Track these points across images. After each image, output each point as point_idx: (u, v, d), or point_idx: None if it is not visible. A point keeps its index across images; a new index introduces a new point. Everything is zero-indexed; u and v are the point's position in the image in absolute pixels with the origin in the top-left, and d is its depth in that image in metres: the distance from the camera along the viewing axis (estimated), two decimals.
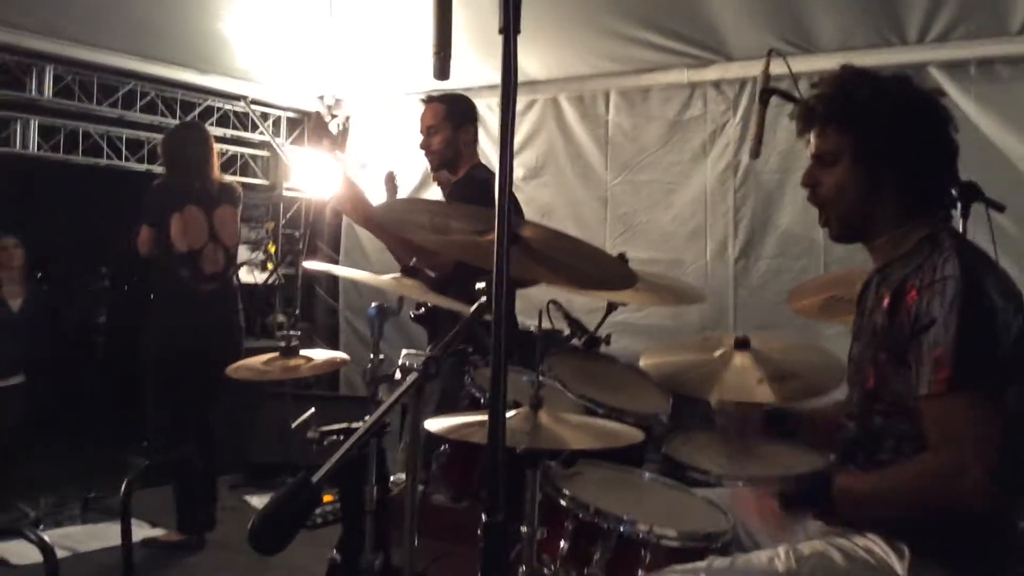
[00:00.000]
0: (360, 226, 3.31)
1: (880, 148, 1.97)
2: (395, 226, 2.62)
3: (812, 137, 2.07)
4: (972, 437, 1.74)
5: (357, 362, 6.47)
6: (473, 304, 1.97)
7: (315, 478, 1.46)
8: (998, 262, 3.04)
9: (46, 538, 2.25)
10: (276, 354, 2.65)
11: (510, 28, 1.35)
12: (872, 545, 1.88)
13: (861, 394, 2.02)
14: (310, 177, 6.70)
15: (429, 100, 3.69)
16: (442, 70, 1.62)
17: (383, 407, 1.59)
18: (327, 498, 5.24)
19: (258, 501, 5.33)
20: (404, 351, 1.96)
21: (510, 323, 1.36)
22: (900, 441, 1.91)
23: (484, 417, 2.09)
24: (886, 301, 1.93)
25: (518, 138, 5.92)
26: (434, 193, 5.13)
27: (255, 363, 2.66)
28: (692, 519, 2.22)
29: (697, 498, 2.34)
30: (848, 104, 2.00)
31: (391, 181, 3.58)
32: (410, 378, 1.59)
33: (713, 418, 3.31)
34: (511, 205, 1.39)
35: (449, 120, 3.59)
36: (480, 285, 1.74)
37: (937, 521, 1.83)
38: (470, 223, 1.83)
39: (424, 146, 3.66)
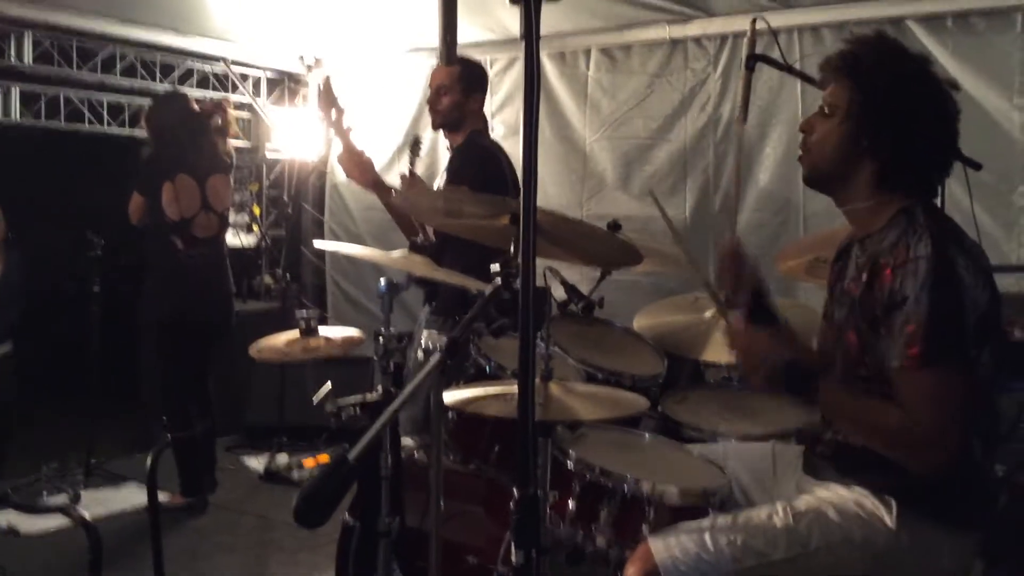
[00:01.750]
0: (369, 191, 3.35)
1: (872, 117, 2.02)
2: (409, 211, 2.69)
3: (826, 87, 2.13)
4: (941, 409, 1.85)
5: (344, 321, 6.59)
6: (474, 277, 2.07)
7: (351, 456, 1.55)
8: (975, 217, 3.19)
9: (86, 515, 2.34)
10: (296, 335, 2.73)
11: (532, 35, 1.41)
12: (863, 499, 2.01)
13: (845, 361, 2.11)
14: (292, 138, 6.73)
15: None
16: (448, 56, 1.69)
17: (409, 389, 1.68)
18: (322, 457, 5.39)
19: (255, 463, 5.44)
20: (425, 332, 2.05)
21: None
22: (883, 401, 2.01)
23: (495, 390, 2.22)
24: (864, 275, 2.02)
25: (499, 96, 5.95)
26: None
27: (277, 344, 2.74)
28: (691, 477, 2.35)
29: (695, 456, 2.47)
30: (856, 63, 2.06)
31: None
32: (433, 359, 1.68)
33: (702, 375, 3.45)
34: (515, 183, 1.48)
35: (460, 83, 3.62)
36: (494, 267, 1.82)
37: (919, 475, 1.94)
38: (481, 208, 1.92)
39: (430, 103, 3.67)
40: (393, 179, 6.13)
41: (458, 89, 3.61)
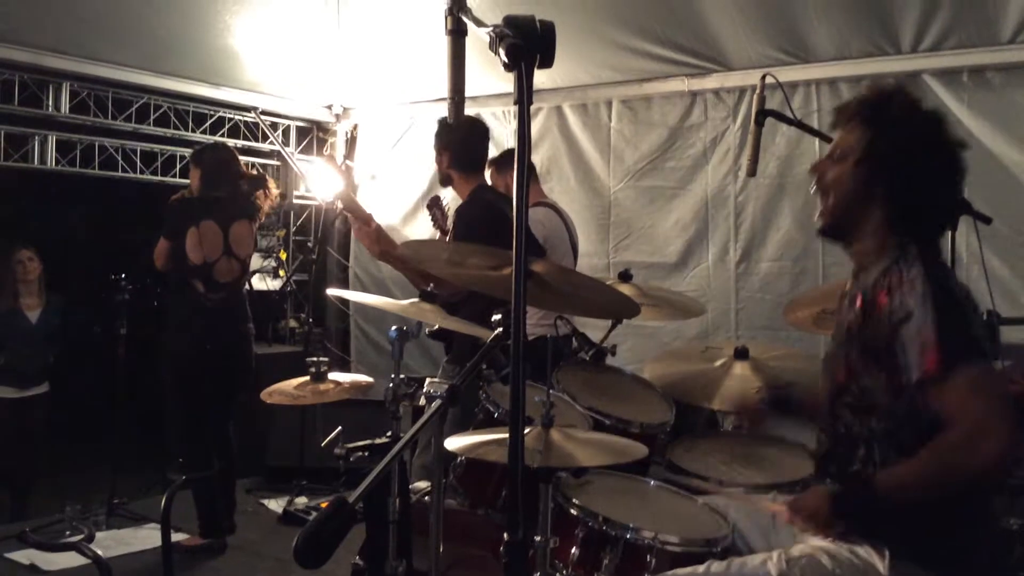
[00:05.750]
0: (378, 259, 3.32)
1: (883, 162, 2.07)
2: (416, 262, 2.75)
3: (837, 132, 2.18)
4: (982, 405, 1.83)
5: (368, 365, 6.64)
6: (487, 327, 2.12)
7: (351, 499, 1.60)
8: (984, 265, 3.23)
9: (99, 553, 2.40)
10: (307, 379, 2.80)
11: (524, 100, 1.46)
12: (857, 548, 2.01)
13: (831, 388, 2.13)
14: (319, 185, 6.88)
15: None
16: (457, 114, 1.77)
17: (409, 434, 1.73)
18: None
19: (275, 505, 5.47)
20: (428, 380, 2.10)
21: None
22: (871, 446, 2.02)
23: (499, 436, 2.26)
24: (858, 302, 2.05)
25: None
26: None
27: (288, 388, 2.80)
28: (694, 525, 2.37)
29: (699, 504, 2.49)
30: (874, 111, 2.11)
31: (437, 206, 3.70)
32: (434, 405, 1.73)
33: (718, 423, 3.48)
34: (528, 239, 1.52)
35: (434, 142, 3.72)
36: (496, 317, 1.88)
37: (913, 522, 1.95)
38: (485, 259, 1.98)
39: None
40: (414, 230, 6.26)
41: (434, 146, 3.69)
